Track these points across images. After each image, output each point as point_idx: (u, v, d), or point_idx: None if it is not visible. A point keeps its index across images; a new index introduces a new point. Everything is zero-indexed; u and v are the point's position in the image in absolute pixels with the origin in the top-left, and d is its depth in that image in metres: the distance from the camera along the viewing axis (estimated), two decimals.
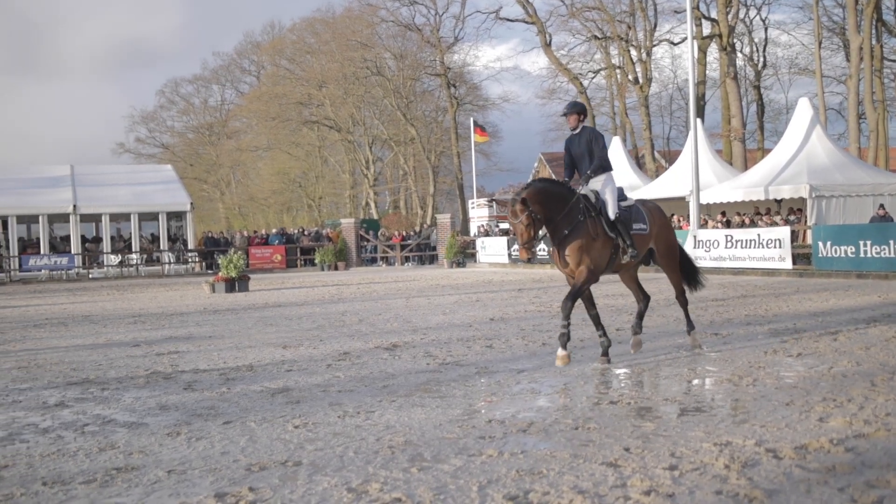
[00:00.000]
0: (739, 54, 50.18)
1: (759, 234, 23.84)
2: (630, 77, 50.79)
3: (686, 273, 10.06)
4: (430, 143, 61.76)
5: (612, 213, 8.88)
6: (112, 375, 9.40)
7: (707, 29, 47.30)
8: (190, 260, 40.12)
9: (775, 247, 22.97)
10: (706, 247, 25.35)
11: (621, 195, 9.19)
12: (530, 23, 54.24)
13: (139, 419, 7.01)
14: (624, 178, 36.20)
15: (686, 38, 32.50)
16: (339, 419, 6.68)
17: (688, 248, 25.60)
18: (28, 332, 14.55)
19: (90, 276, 37.69)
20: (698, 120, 29.90)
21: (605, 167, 9.08)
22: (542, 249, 22.15)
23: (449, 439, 5.90)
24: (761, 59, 52.46)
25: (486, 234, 39.87)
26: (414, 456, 5.49)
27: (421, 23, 59.37)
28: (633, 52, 50.85)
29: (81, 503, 4.82)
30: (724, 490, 4.58)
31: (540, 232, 8.60)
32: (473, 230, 43.65)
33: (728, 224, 28.64)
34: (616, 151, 38.95)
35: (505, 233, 37.03)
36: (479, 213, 44.07)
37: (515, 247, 28.34)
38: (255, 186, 73.37)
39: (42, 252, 37.91)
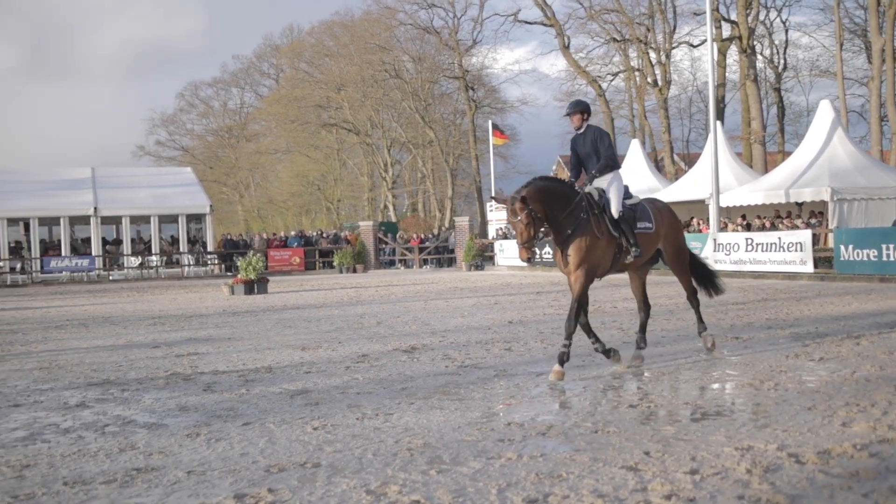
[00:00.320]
0: (759, 56, 49.89)
1: (779, 238, 23.68)
2: (649, 79, 50.62)
3: (704, 279, 9.90)
4: (449, 145, 61.80)
5: (615, 210, 8.70)
6: (132, 376, 9.44)
7: (727, 31, 47.08)
8: (209, 262, 40.30)
9: (796, 250, 22.80)
10: (726, 250, 25.20)
11: (627, 193, 9.03)
12: (549, 25, 54.19)
13: (159, 420, 7.03)
14: (643, 181, 36.16)
15: (705, 41, 32.33)
16: (357, 421, 6.67)
17: (707, 251, 25.49)
18: (49, 333, 14.64)
19: (110, 277, 37.93)
20: (718, 122, 29.74)
21: (612, 166, 8.93)
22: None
23: (468, 442, 5.88)
24: (782, 61, 52.11)
25: (505, 236, 39.83)
26: (433, 458, 5.48)
27: (439, 26, 59.49)
28: (652, 55, 50.68)
29: (102, 503, 4.84)
30: (747, 495, 4.53)
31: (541, 232, 8.43)
32: (492, 233, 43.62)
33: (748, 227, 28.49)
34: (635, 154, 38.88)
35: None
36: (497, 215, 44.03)
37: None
38: (273, 189, 73.65)
39: (63, 254, 38.18)
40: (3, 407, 7.88)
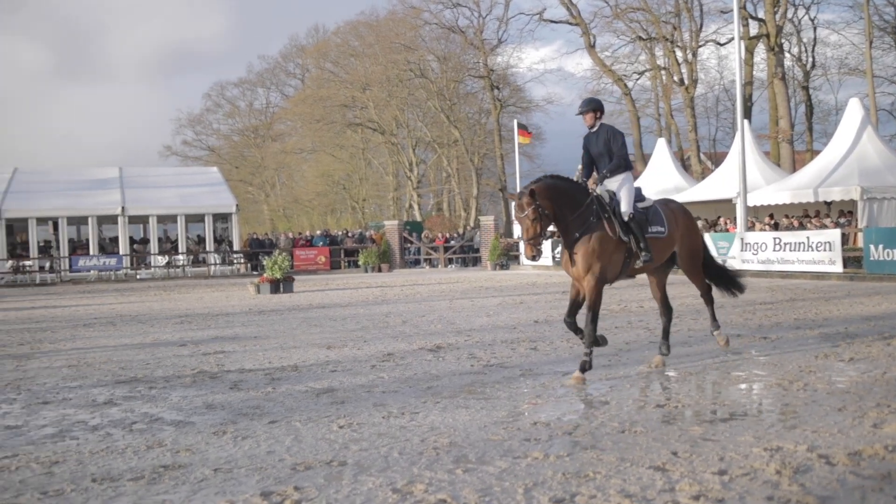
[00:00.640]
0: (787, 54, 49.41)
1: (808, 237, 23.45)
2: (675, 78, 50.30)
3: (723, 281, 9.70)
4: (474, 145, 61.74)
5: (625, 214, 8.48)
6: (159, 374, 9.51)
7: (754, 29, 46.68)
8: (235, 261, 40.51)
9: (825, 250, 22.57)
10: (754, 250, 24.99)
11: (639, 195, 8.82)
12: (574, 24, 53.99)
13: (186, 418, 7.07)
14: (669, 180, 35.95)
15: (733, 39, 32.12)
16: (383, 420, 6.67)
17: (735, 250, 25.30)
18: (78, 332, 14.77)
19: (138, 276, 38.23)
20: (745, 121, 29.51)
21: (624, 166, 8.72)
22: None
23: (494, 441, 5.86)
24: (810, 59, 51.62)
25: None
26: (459, 457, 5.47)
27: (464, 25, 59.42)
28: (679, 53, 50.35)
29: (130, 500, 4.87)
30: (776, 496, 4.49)
31: (548, 229, 8.29)
32: (517, 232, 43.53)
33: (776, 227, 28.25)
34: (661, 153, 38.65)
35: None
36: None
37: (558, 249, 28.30)
38: (299, 188, 73.93)
39: (91, 253, 38.53)
40: (32, 404, 7.95)
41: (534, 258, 8.17)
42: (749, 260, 24.89)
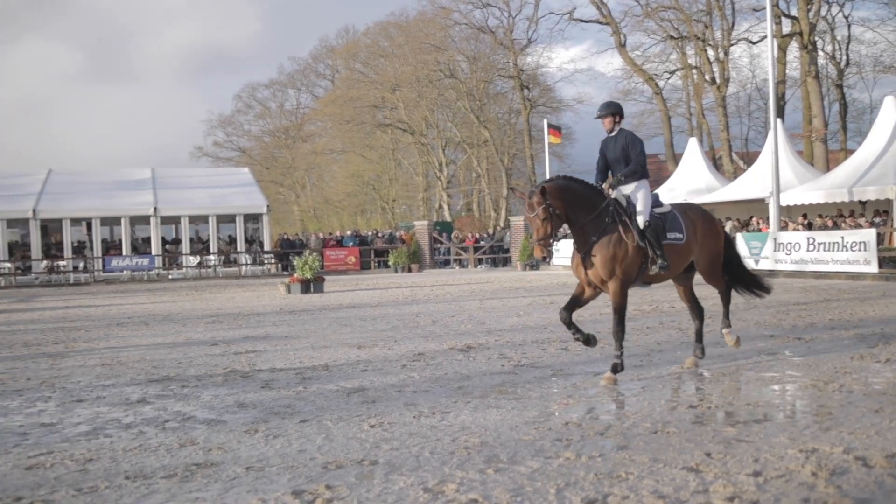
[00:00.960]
0: (821, 52, 48.81)
1: (842, 237, 23.16)
2: (707, 77, 49.93)
3: (747, 285, 9.46)
4: (504, 145, 61.67)
5: (641, 220, 8.24)
6: (191, 373, 9.57)
7: (787, 27, 46.21)
8: (266, 261, 40.72)
9: (860, 250, 22.28)
10: (787, 250, 24.73)
11: (656, 201, 8.61)
12: (604, 23, 53.78)
13: (218, 416, 7.11)
14: (701, 180, 35.68)
15: (765, 37, 31.77)
16: (414, 419, 6.67)
17: (768, 250, 25.06)
18: (111, 331, 14.92)
19: (170, 276, 38.54)
20: (778, 120, 29.20)
21: (641, 174, 8.49)
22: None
23: (525, 441, 5.83)
24: (844, 57, 50.93)
25: (565, 236, 39.57)
26: (490, 457, 5.45)
27: (494, 25, 59.42)
28: (710, 52, 49.97)
29: (163, 497, 4.90)
30: (812, 498, 4.43)
31: (560, 231, 8.11)
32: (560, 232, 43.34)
33: (809, 227, 27.93)
34: (692, 153, 38.36)
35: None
36: None
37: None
38: (329, 189, 74.20)
39: (124, 253, 38.91)
40: (67, 402, 8.04)
41: (544, 259, 8.06)
42: (782, 260, 24.64)
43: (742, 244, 26.25)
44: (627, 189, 8.46)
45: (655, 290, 18.13)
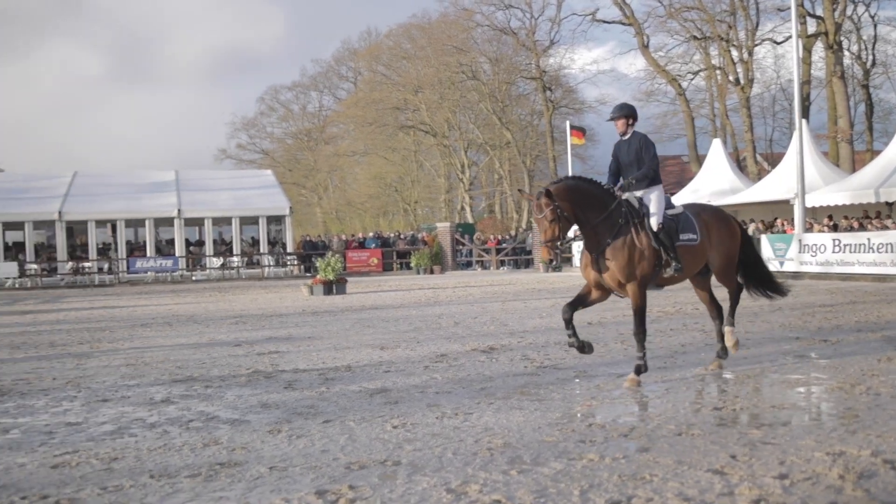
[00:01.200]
0: (846, 52, 48.37)
1: (868, 239, 22.93)
2: (731, 78, 49.62)
3: (764, 285, 9.27)
4: (526, 146, 61.58)
5: (655, 222, 8.11)
6: (215, 374, 9.61)
7: (812, 27, 45.85)
8: (289, 263, 40.87)
9: (887, 251, 22.04)
10: (812, 251, 24.51)
11: (668, 203, 8.46)
12: (627, 24, 53.62)
13: (241, 416, 7.13)
14: (725, 181, 35.45)
15: (790, 37, 31.57)
16: (437, 420, 6.66)
17: (793, 252, 24.86)
18: (135, 332, 15.02)
19: (193, 278, 38.78)
20: (803, 121, 28.96)
21: (652, 179, 8.34)
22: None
23: (548, 442, 5.81)
24: (870, 56, 50.43)
25: None
26: (513, 458, 5.43)
27: (516, 26, 59.36)
28: (734, 52, 49.66)
29: (187, 496, 4.92)
30: (839, 501, 4.38)
31: (569, 233, 8.00)
32: (570, 234, 43.26)
33: (835, 228, 27.68)
34: (716, 154, 38.10)
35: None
36: None
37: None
38: (351, 191, 74.38)
39: (148, 255, 39.19)
40: (92, 402, 8.10)
41: (551, 262, 7.93)
42: (807, 262, 24.43)
43: (767, 246, 26.06)
44: (640, 192, 8.36)
45: (679, 293, 18.02)
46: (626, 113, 8.55)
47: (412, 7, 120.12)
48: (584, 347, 8.23)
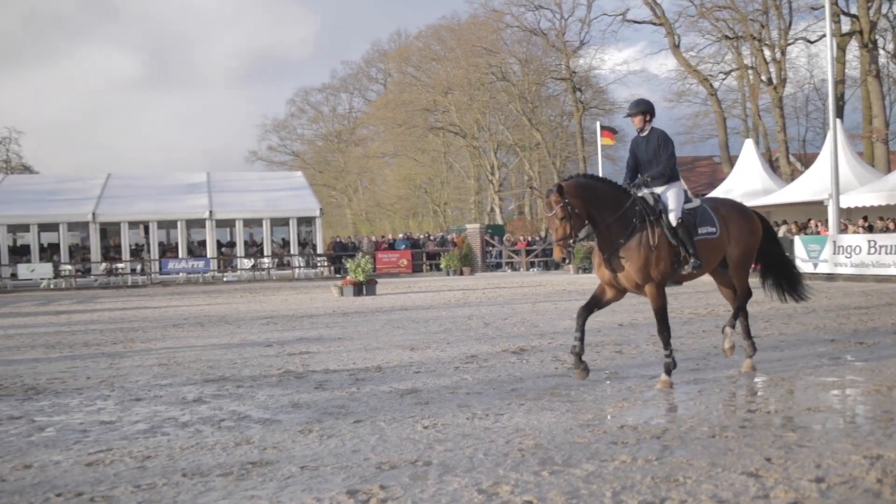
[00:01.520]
0: (882, 51, 47.72)
1: None
2: (763, 77, 49.15)
3: (789, 283, 9.11)
4: (556, 147, 61.41)
5: (674, 218, 7.96)
6: (246, 374, 9.66)
7: (846, 25, 45.28)
8: (319, 264, 41.05)
9: None
10: (847, 253, 24.20)
11: (686, 198, 8.28)
12: (658, 24, 53.28)
13: (272, 416, 7.16)
14: (757, 182, 35.10)
15: (824, 36, 31.22)
16: (467, 421, 6.64)
17: (827, 253, 24.57)
18: (168, 332, 15.14)
19: (224, 279, 39.06)
20: (838, 120, 28.60)
21: (670, 176, 8.21)
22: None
23: (580, 444, 5.77)
24: None
25: None
26: (544, 459, 5.40)
27: (546, 27, 59.18)
28: (767, 52, 49.16)
29: (219, 495, 4.93)
30: None
31: (581, 232, 7.85)
32: (582, 232, 42.99)
33: (870, 229, 27.31)
34: (748, 155, 37.72)
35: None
36: None
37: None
38: (381, 192, 74.59)
39: (180, 256, 39.53)
40: (125, 401, 8.16)
41: (564, 260, 7.75)
42: (842, 263, 24.13)
43: (800, 247, 25.77)
44: (658, 189, 8.22)
45: (712, 294, 17.87)
46: (644, 109, 8.43)
47: (442, 8, 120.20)
48: (581, 364, 7.90)
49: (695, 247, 8.01)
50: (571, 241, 7.65)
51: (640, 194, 8.12)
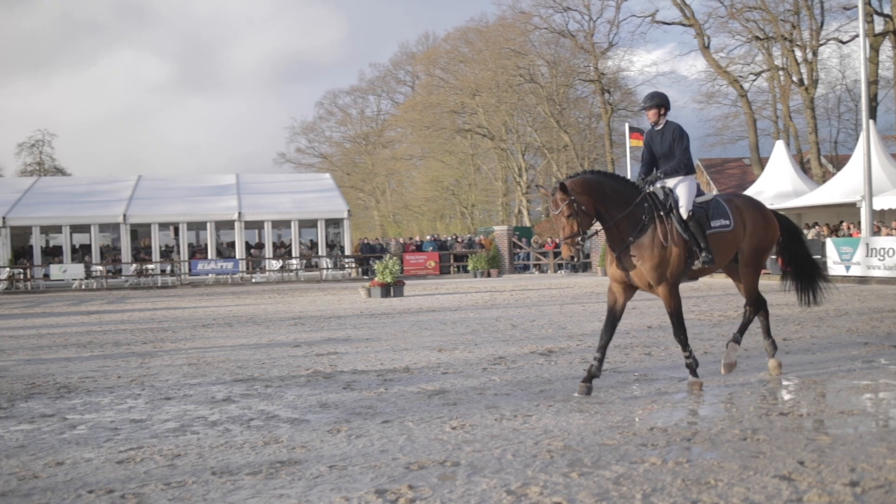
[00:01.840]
0: None
1: None
2: (794, 78, 48.68)
3: (809, 283, 8.91)
4: (584, 149, 61.20)
5: (684, 211, 7.80)
6: (275, 374, 9.69)
7: (880, 25, 44.73)
8: (347, 265, 41.16)
9: None
10: (880, 255, 23.91)
11: (698, 192, 8.12)
12: (688, 25, 52.95)
13: (301, 416, 7.17)
14: (788, 184, 34.75)
15: (856, 36, 30.85)
16: (496, 422, 6.62)
17: (859, 256, 24.28)
18: (197, 332, 15.23)
19: (253, 280, 39.28)
20: (871, 121, 28.26)
21: (685, 171, 8.07)
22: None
23: (609, 445, 5.73)
24: None
25: None
26: (573, 461, 5.36)
27: (574, 29, 59.03)
28: (798, 53, 48.68)
29: (248, 493, 4.95)
30: None
31: (590, 230, 7.74)
32: (591, 230, 42.75)
33: None
34: (779, 156, 37.37)
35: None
36: None
37: None
38: (409, 194, 74.69)
39: (209, 257, 39.80)
40: (155, 400, 8.22)
41: (572, 259, 7.65)
42: (875, 266, 23.83)
43: (832, 250, 25.49)
44: (670, 182, 8.10)
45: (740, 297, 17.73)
46: (658, 102, 8.34)
47: (470, 10, 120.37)
48: (588, 382, 7.71)
49: (706, 241, 7.86)
50: (580, 238, 7.55)
51: (651, 189, 8.00)
